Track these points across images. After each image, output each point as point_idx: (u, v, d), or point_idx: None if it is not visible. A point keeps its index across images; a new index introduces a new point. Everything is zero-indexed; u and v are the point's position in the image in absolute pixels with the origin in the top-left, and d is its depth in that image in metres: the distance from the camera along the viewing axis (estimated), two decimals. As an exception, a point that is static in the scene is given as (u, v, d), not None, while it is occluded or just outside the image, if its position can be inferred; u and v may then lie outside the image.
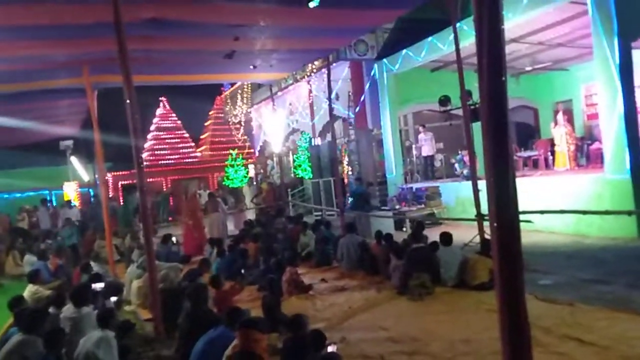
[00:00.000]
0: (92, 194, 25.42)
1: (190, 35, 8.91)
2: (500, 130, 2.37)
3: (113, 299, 6.60)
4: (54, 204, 24.64)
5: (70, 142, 23.10)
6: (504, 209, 2.40)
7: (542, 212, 9.00)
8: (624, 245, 9.02)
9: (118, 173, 26.52)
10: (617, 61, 9.43)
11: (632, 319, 5.42)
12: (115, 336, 4.83)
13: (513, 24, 11.23)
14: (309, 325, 4.72)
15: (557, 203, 9.99)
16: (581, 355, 4.65)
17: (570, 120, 14.48)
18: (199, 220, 14.15)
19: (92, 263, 9.44)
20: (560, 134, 13.02)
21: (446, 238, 7.95)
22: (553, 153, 13.70)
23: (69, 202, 20.35)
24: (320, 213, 16.94)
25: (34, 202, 21.76)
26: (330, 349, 4.03)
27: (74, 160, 25.10)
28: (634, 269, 7.38)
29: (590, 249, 9.12)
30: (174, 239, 11.90)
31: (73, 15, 7.44)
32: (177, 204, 22.27)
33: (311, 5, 7.70)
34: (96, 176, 20.98)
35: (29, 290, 7.84)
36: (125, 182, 25.78)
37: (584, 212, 9.13)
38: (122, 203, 20.35)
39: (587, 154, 13.85)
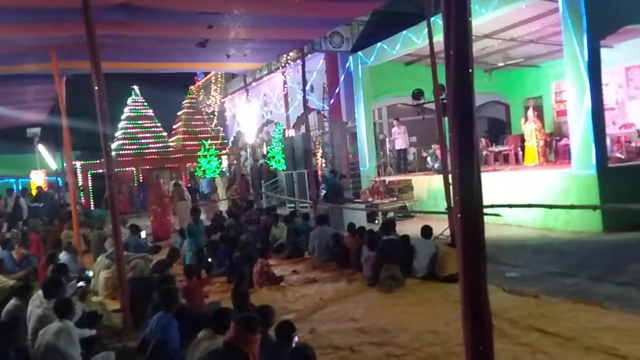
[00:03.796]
0: (59, 182, 24.87)
1: (162, 22, 8.73)
2: (466, 121, 2.38)
3: (80, 283, 6.49)
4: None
5: (37, 130, 22.48)
6: (469, 200, 2.43)
7: (510, 205, 9.16)
8: (588, 239, 9.25)
9: (87, 162, 26.02)
10: (586, 59, 9.62)
11: (594, 310, 5.57)
12: (77, 325, 4.75)
13: (486, 19, 11.38)
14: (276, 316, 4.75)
15: (525, 197, 10.17)
16: (544, 346, 4.75)
17: (540, 116, 14.72)
18: (165, 206, 14.95)
19: (63, 253, 9.25)
20: (530, 130, 13.23)
21: (426, 231, 8.08)
22: (523, 148, 13.93)
23: None
24: (293, 205, 16.93)
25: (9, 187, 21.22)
26: (295, 339, 4.03)
27: (41, 148, 24.46)
28: (598, 263, 7.59)
29: (557, 243, 9.32)
30: (142, 233, 11.82)
31: (40, -2, 7.23)
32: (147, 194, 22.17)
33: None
34: (64, 165, 20.48)
35: (-9, 280, 7.66)
36: (94, 171, 25.33)
37: (551, 207, 9.33)
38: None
39: (555, 149, 14.12)
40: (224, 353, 3.74)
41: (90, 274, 8.68)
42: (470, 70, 2.37)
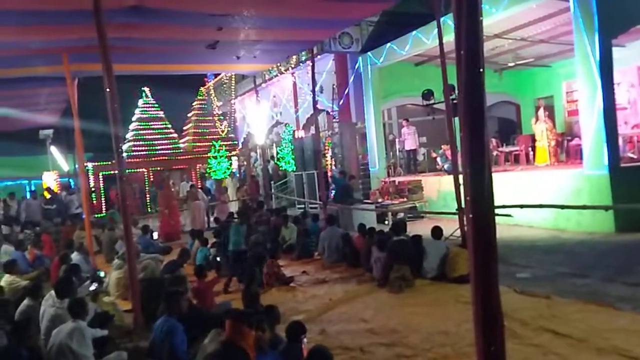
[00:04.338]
0: (72, 184, 25.07)
1: (172, 24, 8.79)
2: (477, 121, 2.38)
3: (91, 287, 6.54)
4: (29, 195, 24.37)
5: (50, 132, 22.75)
6: (480, 201, 2.42)
7: (521, 206, 9.10)
8: (600, 240, 9.17)
9: (99, 163, 26.17)
10: (598, 58, 9.54)
11: (606, 311, 5.53)
12: (89, 325, 4.79)
13: (496, 19, 11.33)
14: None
15: (536, 198, 10.10)
16: (556, 347, 4.72)
17: (551, 116, 14.63)
18: (174, 208, 15.24)
19: (75, 253, 9.33)
20: (541, 130, 13.15)
21: (436, 231, 8.06)
22: (534, 148, 13.85)
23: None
24: (303, 206, 16.95)
25: (12, 191, 21.42)
26: (305, 340, 4.05)
27: (53, 149, 24.70)
28: (610, 263, 7.52)
29: (568, 243, 9.25)
30: (155, 234, 11.94)
31: (52, 1, 7.30)
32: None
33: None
34: (76, 166, 20.66)
35: (5, 281, 7.74)
36: (106, 173, 25.47)
37: (562, 207, 9.26)
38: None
39: (566, 149, 14.03)
40: (222, 353, 3.76)
41: (102, 274, 8.74)
42: (481, 70, 2.37)
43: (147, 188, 25.42)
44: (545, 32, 13.19)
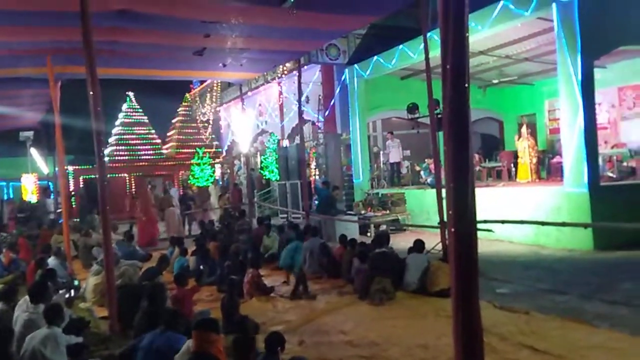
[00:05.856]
0: (51, 187, 24.70)
1: (159, 29, 8.75)
2: (461, 136, 2.40)
3: (66, 295, 6.41)
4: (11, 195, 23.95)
5: (30, 133, 22.48)
6: (463, 215, 2.43)
7: (502, 221, 9.18)
8: (579, 257, 9.27)
9: (80, 167, 25.88)
10: (580, 78, 9.69)
11: (584, 328, 5.56)
12: (64, 332, 4.68)
13: (481, 36, 11.47)
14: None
15: (518, 214, 10.19)
16: (534, 363, 4.75)
17: (533, 133, 14.85)
18: (151, 215, 15.18)
19: (52, 258, 9.16)
20: (523, 147, 13.32)
21: (418, 245, 8.06)
22: (516, 165, 14.01)
23: None
24: (286, 215, 16.90)
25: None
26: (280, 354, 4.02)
27: (33, 151, 24.36)
28: (588, 280, 7.59)
29: (548, 260, 9.33)
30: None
31: (38, 2, 7.22)
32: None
33: (284, 6, 7.67)
34: (56, 169, 20.40)
35: (-22, 284, 7.57)
36: (87, 176, 25.20)
37: (542, 223, 9.36)
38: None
39: (548, 167, 14.21)
40: None
41: (76, 282, 8.60)
42: (466, 85, 2.39)
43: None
44: (529, 50, 13.41)
